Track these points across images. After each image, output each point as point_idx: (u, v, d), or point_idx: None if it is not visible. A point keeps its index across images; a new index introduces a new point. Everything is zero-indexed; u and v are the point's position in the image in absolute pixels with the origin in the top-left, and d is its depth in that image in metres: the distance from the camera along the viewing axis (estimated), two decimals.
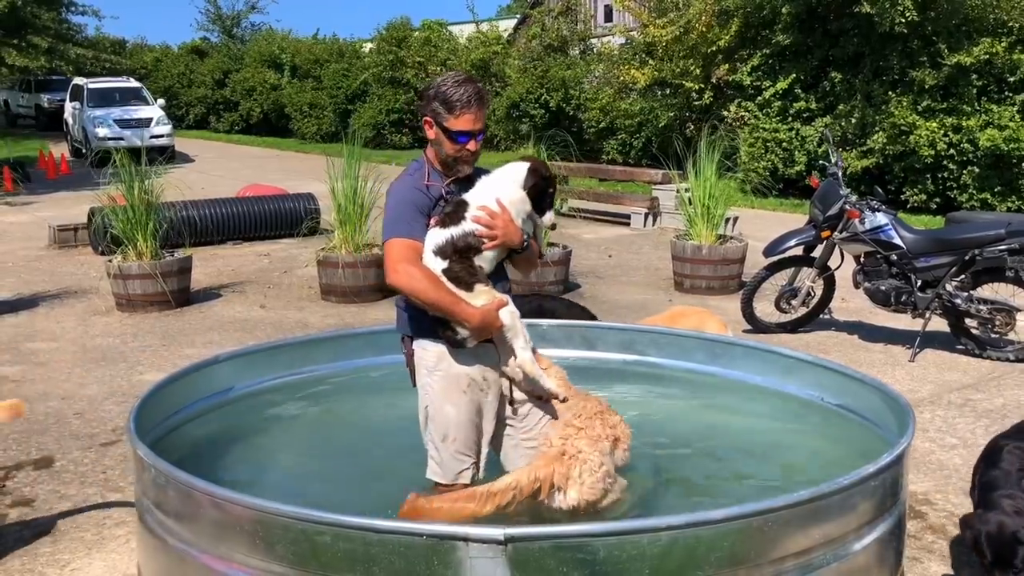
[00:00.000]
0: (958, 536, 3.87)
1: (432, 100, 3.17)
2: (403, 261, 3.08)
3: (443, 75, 3.27)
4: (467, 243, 3.12)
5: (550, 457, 3.07)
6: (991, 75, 14.85)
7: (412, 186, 3.22)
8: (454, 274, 3.11)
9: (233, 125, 34.47)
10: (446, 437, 3.24)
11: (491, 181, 3.29)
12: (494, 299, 3.15)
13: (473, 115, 3.14)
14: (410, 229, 3.14)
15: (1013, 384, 6.02)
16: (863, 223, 6.77)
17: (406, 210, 3.17)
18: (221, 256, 10.81)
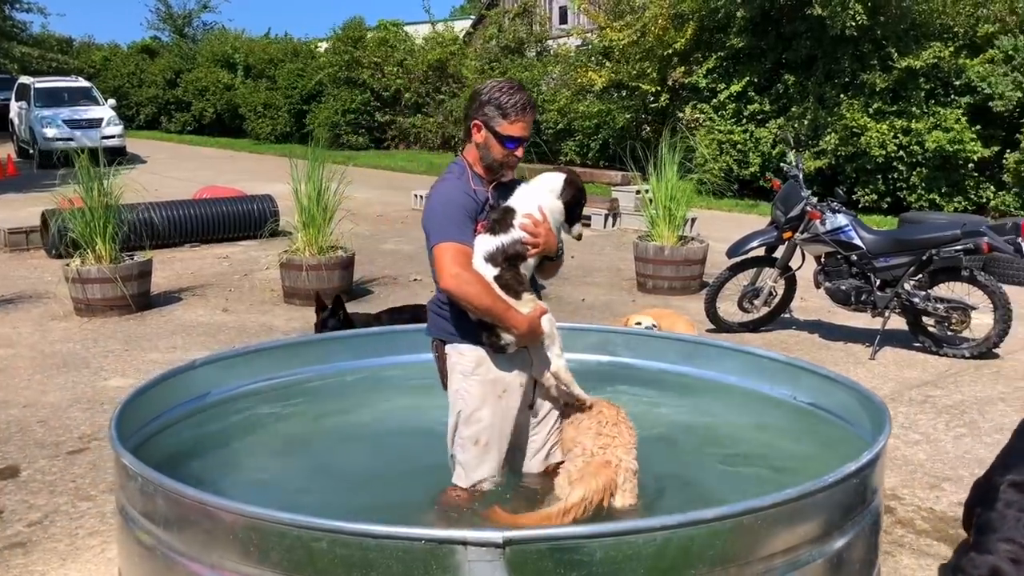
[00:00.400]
0: (925, 529, 3.99)
1: (486, 104, 3.20)
2: (456, 266, 3.08)
3: (493, 80, 3.31)
4: (516, 251, 3.18)
5: (599, 465, 3.14)
6: (938, 79, 15.25)
7: (461, 190, 3.24)
8: (504, 282, 3.16)
9: (185, 125, 33.96)
10: (478, 441, 3.28)
11: (531, 190, 3.33)
12: (537, 307, 3.21)
13: (525, 122, 3.20)
14: (460, 233, 3.15)
15: (969, 380, 6.20)
16: (824, 224, 6.91)
17: (456, 214, 3.17)
18: (180, 259, 10.67)
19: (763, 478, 3.60)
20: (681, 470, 3.72)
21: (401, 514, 3.38)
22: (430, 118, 26.43)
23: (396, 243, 12.14)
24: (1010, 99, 14.51)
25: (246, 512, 2.44)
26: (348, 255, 8.66)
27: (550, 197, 3.32)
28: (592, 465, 3.15)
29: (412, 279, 9.67)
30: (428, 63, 25.15)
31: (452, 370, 3.31)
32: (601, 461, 3.17)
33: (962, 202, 14.80)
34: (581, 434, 3.33)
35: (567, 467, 3.28)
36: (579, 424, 3.38)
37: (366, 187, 16.50)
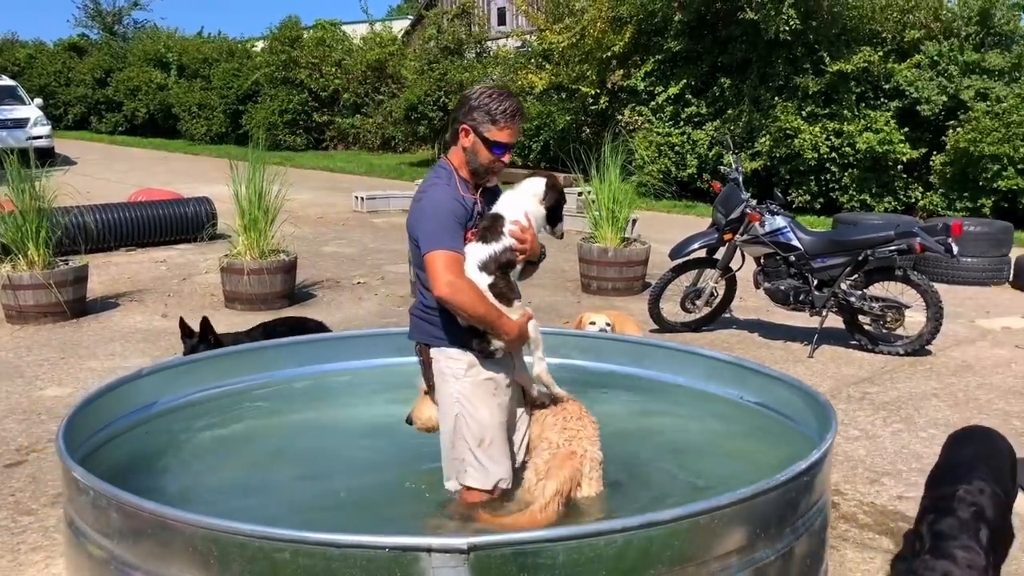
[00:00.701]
0: (867, 523, 4.11)
1: (475, 110, 3.22)
2: (450, 274, 3.09)
3: (482, 86, 3.33)
4: (508, 259, 3.23)
5: (565, 456, 3.24)
6: (868, 82, 15.69)
7: (452, 196, 3.24)
8: (499, 290, 3.21)
9: (117, 126, 33.18)
10: (482, 441, 3.30)
11: (516, 196, 3.37)
12: (525, 312, 3.28)
13: (513, 128, 3.23)
14: (453, 241, 3.16)
15: (904, 377, 6.39)
16: (763, 226, 7.06)
17: (448, 221, 3.18)
18: (115, 263, 10.43)
19: (713, 477, 3.67)
20: (633, 471, 3.78)
21: (359, 519, 3.39)
22: (369, 119, 26.29)
23: (338, 245, 12.04)
24: (936, 103, 15.01)
25: (206, 524, 2.41)
26: (290, 258, 8.57)
27: (534, 202, 3.37)
28: (558, 457, 3.23)
29: (355, 282, 9.60)
30: (367, 63, 25.01)
31: (442, 374, 3.32)
32: (566, 452, 3.26)
33: (891, 202, 15.25)
34: (547, 430, 3.40)
35: (534, 461, 3.36)
36: (544, 420, 3.46)
37: (305, 189, 16.34)
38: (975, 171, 13.92)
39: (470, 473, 3.33)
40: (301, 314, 8.22)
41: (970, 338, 7.51)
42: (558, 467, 3.18)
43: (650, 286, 8.81)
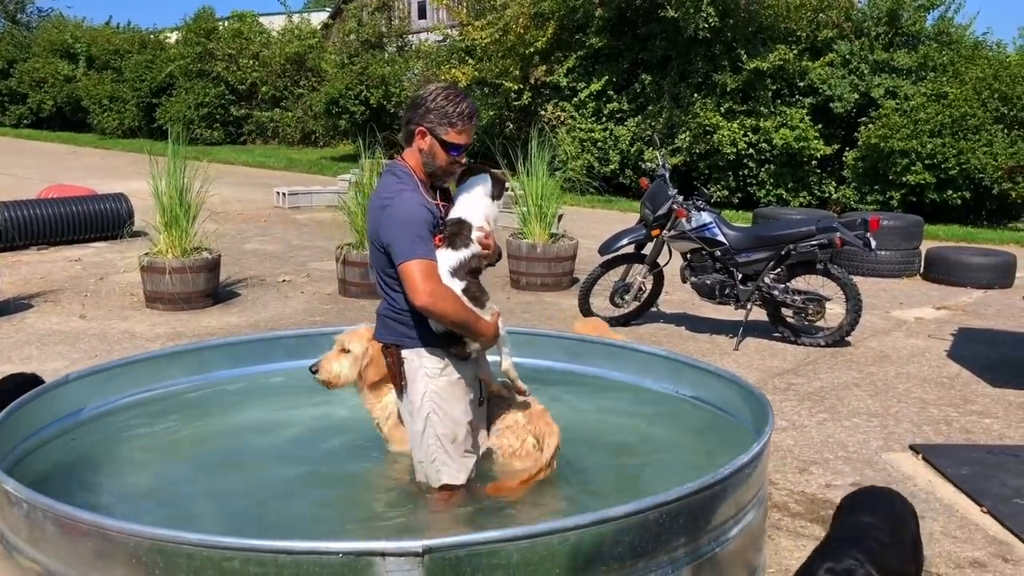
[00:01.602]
0: (799, 511, 4.24)
1: (430, 112, 3.19)
2: (429, 283, 3.09)
3: (435, 86, 3.28)
4: (477, 264, 3.28)
5: (539, 413, 3.59)
6: (784, 79, 16.11)
7: (419, 203, 3.20)
8: (472, 294, 3.24)
9: (21, 119, 31.90)
10: (456, 439, 3.33)
11: (472, 199, 3.35)
12: (495, 312, 3.32)
13: (470, 130, 3.21)
14: (427, 250, 3.16)
15: (827, 367, 6.60)
16: (690, 222, 7.19)
17: (421, 230, 3.16)
18: (26, 262, 10.04)
19: (652, 471, 3.73)
20: (575, 466, 3.81)
21: (295, 522, 3.35)
22: (289, 112, 25.84)
23: (260, 242, 11.83)
24: (848, 100, 15.51)
25: (150, 535, 2.35)
26: (213, 257, 8.37)
27: (488, 202, 3.38)
28: (533, 414, 3.59)
29: (281, 280, 9.45)
30: (285, 56, 24.59)
31: (415, 373, 3.29)
32: (540, 409, 3.62)
33: (807, 197, 15.71)
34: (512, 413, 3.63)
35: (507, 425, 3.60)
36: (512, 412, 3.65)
37: (224, 184, 15.93)
38: (885, 166, 14.45)
39: (444, 471, 3.33)
40: (214, 309, 8.07)
41: (886, 329, 7.79)
42: (547, 424, 3.49)
43: (578, 281, 8.90)
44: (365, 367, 3.64)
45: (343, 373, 3.62)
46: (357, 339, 3.65)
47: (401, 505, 3.43)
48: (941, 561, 3.78)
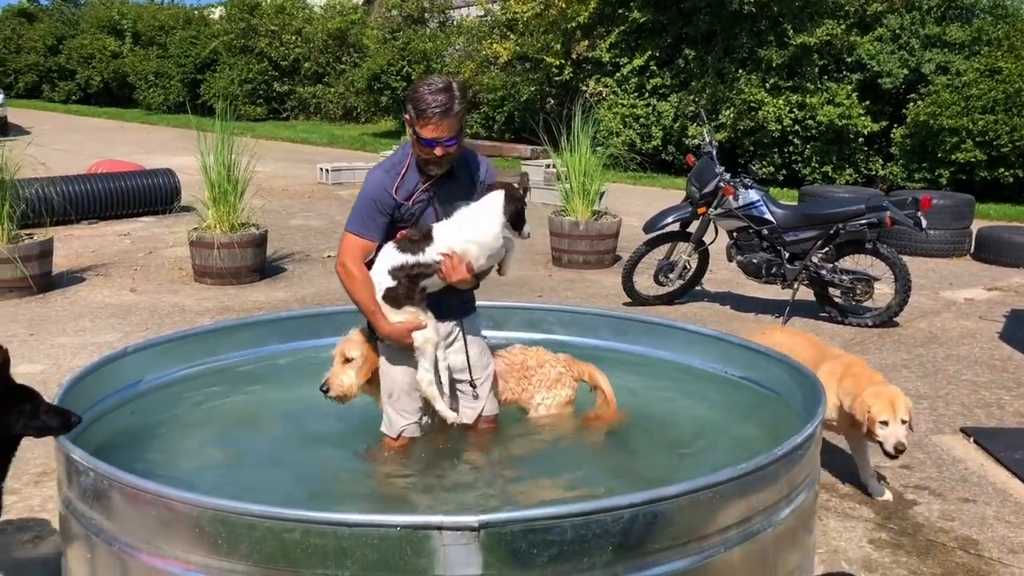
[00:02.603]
0: (847, 492, 4.22)
1: (408, 100, 3.25)
2: (347, 258, 3.36)
3: (431, 76, 3.30)
4: (418, 272, 3.35)
5: (567, 359, 3.97)
6: (831, 55, 15.82)
7: (380, 184, 3.34)
8: (393, 294, 3.37)
9: (70, 94, 32.41)
10: (391, 395, 3.56)
11: (468, 218, 3.39)
12: (410, 322, 3.40)
13: (436, 125, 3.19)
14: (365, 228, 3.35)
15: (874, 348, 6.53)
16: (737, 200, 7.13)
17: (367, 208, 3.34)
18: (77, 237, 10.24)
19: (702, 451, 3.73)
20: (621, 446, 3.83)
21: (351, 494, 3.41)
22: (331, 88, 25.94)
23: (304, 218, 11.94)
24: (897, 76, 15.20)
25: (213, 505, 2.40)
26: (261, 232, 8.48)
27: (488, 226, 3.39)
28: (566, 360, 3.96)
29: (325, 256, 9.54)
30: (328, 32, 24.64)
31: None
32: (564, 357, 3.98)
33: (852, 174, 15.46)
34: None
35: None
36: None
37: (268, 160, 15.98)
38: (934, 143, 14.16)
39: (383, 421, 3.62)
40: (261, 284, 8.17)
41: (935, 309, 7.68)
42: (583, 364, 3.95)
43: (620, 259, 8.88)
44: (365, 368, 3.70)
45: (353, 383, 3.67)
46: (354, 345, 3.70)
47: (455, 479, 3.47)
48: (994, 546, 3.75)
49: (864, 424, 3.99)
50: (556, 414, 3.87)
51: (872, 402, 3.99)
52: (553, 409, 3.87)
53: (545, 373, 3.91)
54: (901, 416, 3.97)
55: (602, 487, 3.32)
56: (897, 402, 3.99)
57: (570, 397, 3.91)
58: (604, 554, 2.40)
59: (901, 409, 3.98)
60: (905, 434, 3.98)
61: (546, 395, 3.88)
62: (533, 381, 3.89)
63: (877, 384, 4.11)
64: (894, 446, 3.94)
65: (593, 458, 3.42)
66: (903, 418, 3.97)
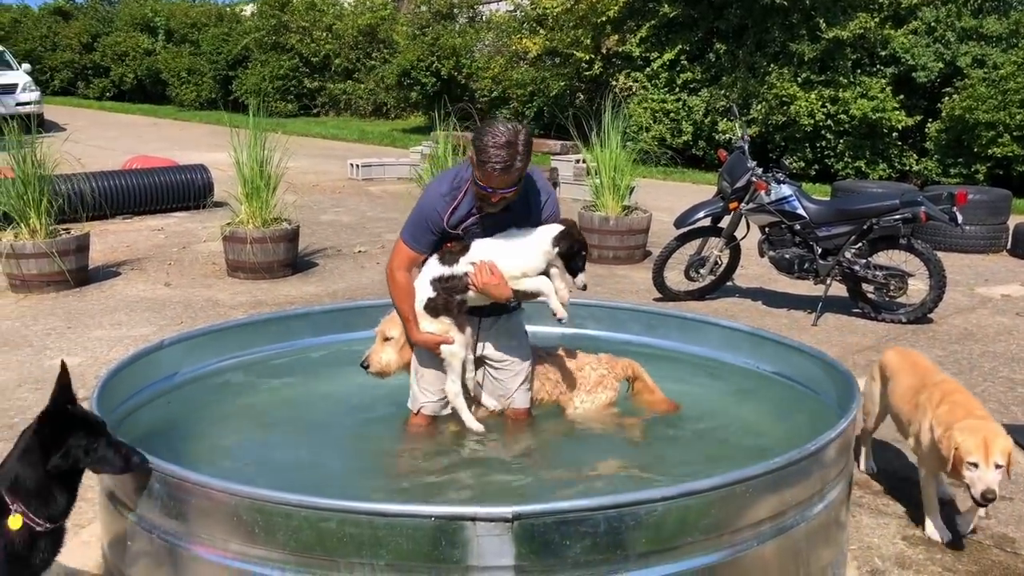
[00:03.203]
0: (880, 489, 4.19)
1: (472, 143, 3.31)
2: (396, 263, 3.58)
3: (500, 124, 3.28)
4: (452, 284, 3.49)
5: (607, 359, 4.02)
6: (864, 49, 15.64)
7: (434, 207, 3.50)
8: (433, 304, 3.55)
9: (104, 91, 32.84)
10: (417, 372, 3.78)
11: (512, 237, 3.48)
12: (439, 336, 3.57)
13: (496, 178, 3.27)
14: (415, 240, 3.56)
15: (908, 344, 6.44)
16: (769, 195, 7.08)
17: (420, 224, 3.53)
18: (112, 232, 10.38)
19: (734, 445, 3.73)
20: (654, 440, 3.83)
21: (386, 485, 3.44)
22: (361, 84, 26.05)
23: (335, 213, 12.02)
24: (932, 70, 15.00)
25: (252, 494, 2.45)
26: (293, 227, 8.55)
27: (532, 244, 3.46)
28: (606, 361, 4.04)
29: (356, 250, 9.60)
30: (358, 28, 24.73)
31: None
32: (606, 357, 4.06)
33: (886, 169, 15.29)
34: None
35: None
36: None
37: (298, 156, 16.13)
38: (970, 138, 13.96)
39: (410, 395, 3.85)
40: (293, 278, 8.24)
41: (970, 306, 7.58)
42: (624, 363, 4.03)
43: (651, 255, 8.86)
44: (405, 347, 3.84)
45: (392, 360, 3.84)
46: (394, 324, 3.83)
47: (489, 470, 3.50)
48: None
49: (949, 461, 3.41)
50: (595, 415, 3.90)
51: (962, 438, 3.38)
52: (592, 412, 3.91)
53: (585, 376, 3.94)
54: (995, 459, 3.34)
55: (634, 480, 3.32)
56: (993, 442, 3.36)
57: (611, 399, 3.94)
58: (637, 546, 2.42)
59: (996, 451, 3.35)
60: (998, 480, 3.36)
61: (585, 398, 3.92)
62: (573, 382, 3.93)
63: (976, 418, 3.52)
64: (982, 492, 3.33)
65: (625, 451, 3.44)
66: (997, 462, 3.34)
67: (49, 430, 2.54)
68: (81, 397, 5.14)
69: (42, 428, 2.54)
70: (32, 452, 2.53)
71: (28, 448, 2.54)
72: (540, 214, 3.56)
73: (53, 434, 2.53)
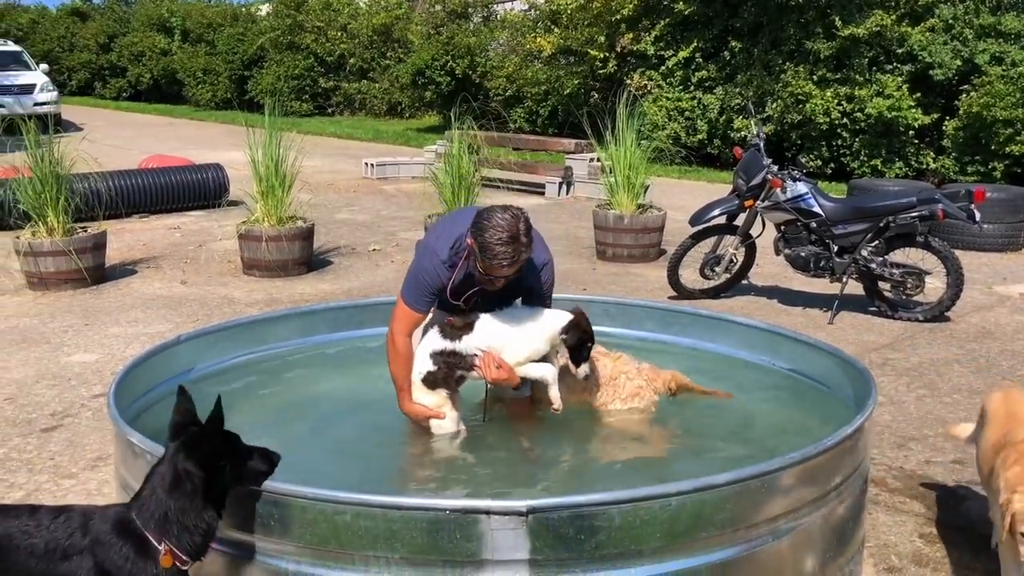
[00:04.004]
0: (897, 487, 4.17)
1: (478, 234, 3.23)
2: (397, 326, 3.53)
3: (500, 214, 3.24)
4: (454, 360, 3.47)
5: (647, 369, 3.94)
6: (880, 47, 15.54)
7: (436, 273, 3.46)
8: (432, 377, 3.51)
9: (121, 91, 33.09)
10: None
11: (518, 318, 3.46)
12: (436, 408, 3.54)
13: (503, 271, 3.27)
14: (417, 300, 3.51)
15: (925, 343, 6.42)
16: (785, 192, 7.04)
17: (421, 285, 3.49)
18: (129, 230, 10.44)
19: (750, 441, 3.70)
20: (669, 435, 3.82)
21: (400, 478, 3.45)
22: (375, 84, 26.11)
23: (350, 212, 12.05)
24: (949, 67, 14.88)
25: (266, 487, 2.45)
26: (308, 225, 8.58)
27: (538, 330, 3.44)
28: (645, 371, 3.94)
29: (371, 249, 9.62)
30: (373, 27, 24.79)
31: None
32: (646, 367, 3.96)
33: (902, 168, 15.18)
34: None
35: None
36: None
37: (313, 155, 16.17)
38: (988, 136, 13.85)
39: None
40: (309, 276, 8.27)
41: (988, 304, 7.53)
42: (662, 374, 3.95)
43: (665, 253, 8.84)
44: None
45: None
46: None
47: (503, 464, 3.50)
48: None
49: (1003, 528, 2.90)
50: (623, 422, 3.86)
51: (1021, 505, 2.84)
52: (622, 421, 3.84)
53: (620, 385, 3.86)
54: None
55: (650, 475, 3.31)
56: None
57: (645, 407, 3.85)
58: (651, 541, 2.41)
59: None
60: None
61: (620, 407, 3.85)
62: (608, 390, 3.85)
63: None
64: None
65: (641, 446, 3.42)
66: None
67: (200, 455, 2.37)
68: (97, 393, 5.22)
69: (192, 453, 2.37)
70: (184, 481, 2.34)
71: (178, 477, 2.34)
72: (536, 286, 3.54)
73: (204, 459, 2.38)
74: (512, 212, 3.24)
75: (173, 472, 2.36)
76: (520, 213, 3.27)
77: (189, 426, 2.47)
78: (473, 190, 8.82)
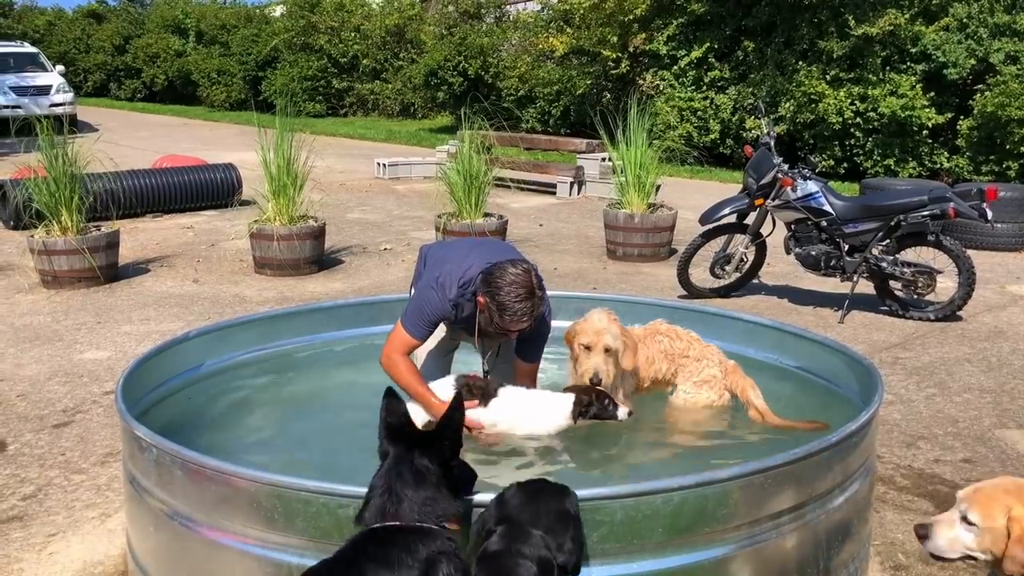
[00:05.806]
0: (905, 485, 4.15)
1: (494, 296, 3.26)
2: (394, 349, 3.54)
3: (512, 271, 3.27)
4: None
5: (732, 368, 3.99)
6: (894, 46, 15.46)
7: (444, 308, 3.50)
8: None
9: (136, 92, 33.29)
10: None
11: (533, 405, 3.50)
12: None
13: (521, 325, 3.30)
14: (417, 329, 3.53)
15: (936, 343, 6.39)
16: (795, 191, 7.02)
17: (425, 315, 3.51)
18: (142, 229, 10.50)
19: (755, 438, 3.71)
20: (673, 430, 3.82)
21: None
22: (388, 84, 26.16)
23: (362, 211, 12.08)
24: (963, 66, 14.80)
25: (271, 480, 2.47)
26: (319, 224, 8.61)
27: (548, 420, 3.48)
28: (730, 369, 4.01)
29: (382, 248, 9.65)
30: (385, 28, 24.84)
31: None
32: (732, 365, 4.02)
33: (916, 167, 15.11)
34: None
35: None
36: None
37: (326, 155, 16.16)
38: (1002, 135, 13.76)
39: None
40: (320, 275, 8.30)
41: (1000, 304, 7.48)
42: (742, 378, 3.96)
43: (676, 252, 8.82)
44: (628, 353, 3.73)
45: (610, 370, 3.67)
46: (585, 333, 3.71)
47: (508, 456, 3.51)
48: None
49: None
50: (691, 411, 3.89)
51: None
52: (690, 406, 3.90)
53: (698, 368, 3.93)
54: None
55: (653, 469, 3.31)
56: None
57: (711, 402, 3.91)
58: (654, 536, 2.41)
59: None
60: None
61: (689, 388, 3.92)
62: (685, 369, 3.95)
63: None
64: None
65: (645, 441, 3.42)
66: None
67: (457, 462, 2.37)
68: (108, 390, 5.26)
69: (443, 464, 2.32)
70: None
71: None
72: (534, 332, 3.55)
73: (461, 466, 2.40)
74: (522, 267, 3.29)
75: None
76: (530, 267, 3.32)
77: (403, 428, 2.48)
78: (484, 190, 8.84)
